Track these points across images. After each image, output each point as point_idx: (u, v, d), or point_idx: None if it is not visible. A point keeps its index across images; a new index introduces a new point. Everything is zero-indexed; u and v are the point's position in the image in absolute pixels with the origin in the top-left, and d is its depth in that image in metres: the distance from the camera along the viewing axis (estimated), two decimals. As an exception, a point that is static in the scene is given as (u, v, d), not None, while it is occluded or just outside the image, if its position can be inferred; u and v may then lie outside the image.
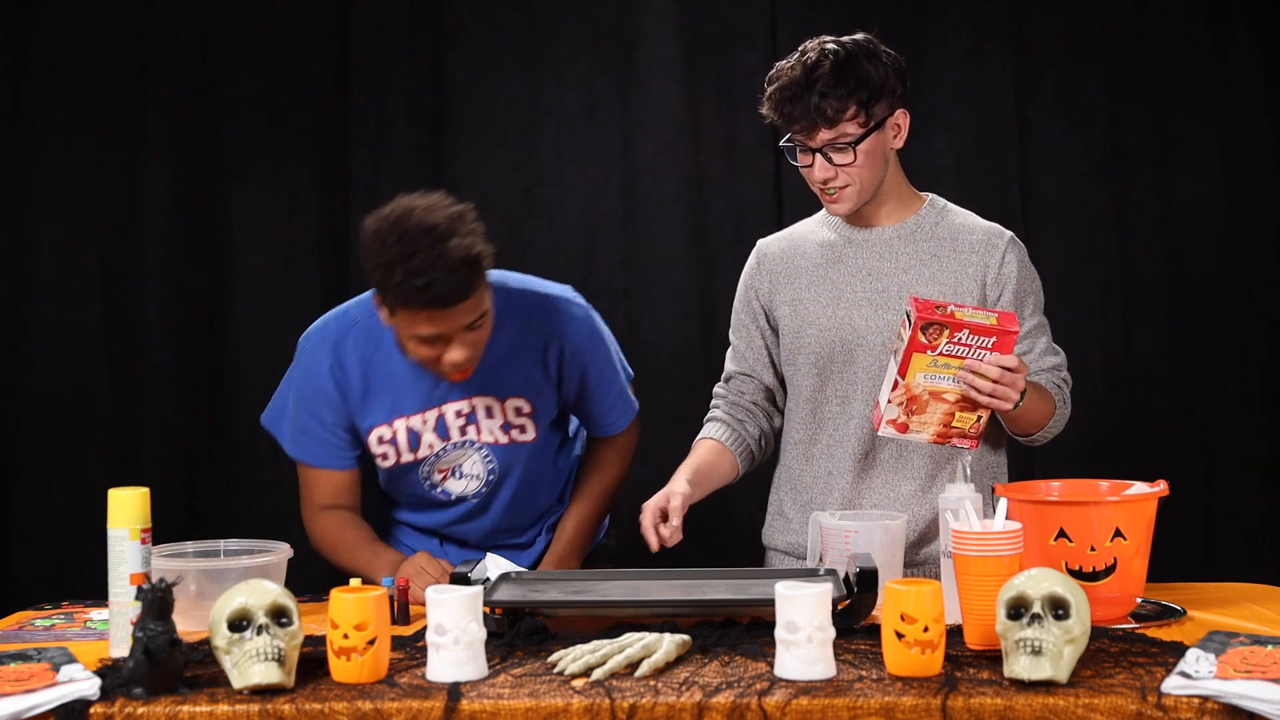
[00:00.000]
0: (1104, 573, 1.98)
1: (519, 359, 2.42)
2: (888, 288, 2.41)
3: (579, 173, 3.69)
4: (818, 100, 2.29)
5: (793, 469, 2.50)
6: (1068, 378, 2.44)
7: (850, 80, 2.30)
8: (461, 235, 2.17)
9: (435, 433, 2.41)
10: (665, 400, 3.67)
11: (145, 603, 1.72)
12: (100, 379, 3.54)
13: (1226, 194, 3.62)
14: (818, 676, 1.70)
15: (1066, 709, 1.62)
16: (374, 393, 2.39)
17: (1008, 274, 2.41)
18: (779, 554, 2.53)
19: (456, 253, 2.15)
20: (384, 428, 2.41)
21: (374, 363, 2.39)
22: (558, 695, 1.67)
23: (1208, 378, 3.63)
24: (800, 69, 2.32)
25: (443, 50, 3.68)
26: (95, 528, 2.02)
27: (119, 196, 3.60)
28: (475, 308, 2.21)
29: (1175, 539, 2.86)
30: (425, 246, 2.14)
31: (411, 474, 2.45)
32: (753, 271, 2.55)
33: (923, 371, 2.15)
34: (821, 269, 2.46)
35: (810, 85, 2.30)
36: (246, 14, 3.62)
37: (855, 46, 2.34)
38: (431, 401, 2.40)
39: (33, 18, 3.58)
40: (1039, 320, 2.43)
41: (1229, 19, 3.61)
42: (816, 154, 2.34)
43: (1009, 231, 2.46)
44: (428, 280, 2.13)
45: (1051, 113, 3.64)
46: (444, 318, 2.18)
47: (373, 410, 2.40)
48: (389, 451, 2.42)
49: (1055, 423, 2.39)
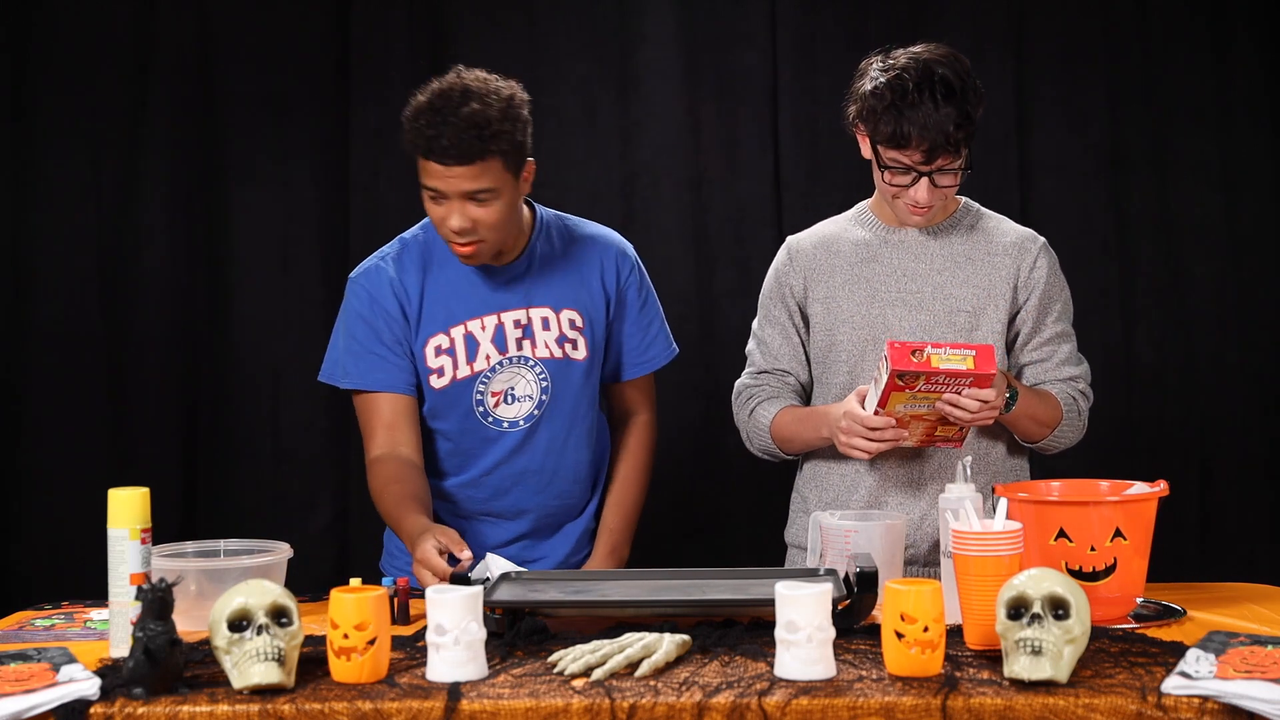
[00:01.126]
0: (1104, 573, 1.98)
1: (574, 273, 2.52)
2: (921, 289, 2.42)
3: (579, 173, 3.68)
4: (951, 129, 2.27)
5: (819, 467, 2.50)
6: (1086, 391, 2.44)
7: (973, 108, 2.31)
8: (487, 106, 2.29)
9: (493, 344, 2.46)
10: (665, 400, 3.64)
11: (145, 603, 1.72)
12: (100, 379, 3.54)
13: (1226, 194, 3.62)
14: (818, 676, 1.70)
15: (1066, 709, 1.62)
16: (431, 304, 2.46)
17: (1037, 279, 2.43)
18: (800, 550, 2.52)
19: (471, 116, 2.27)
20: (442, 336, 2.45)
21: (430, 275, 2.48)
22: (558, 695, 1.67)
23: (1207, 378, 3.62)
24: (925, 91, 2.26)
25: (443, 50, 3.67)
26: (95, 528, 2.02)
27: (119, 196, 3.60)
28: (478, 176, 2.30)
29: (1175, 539, 2.86)
30: (449, 102, 2.28)
31: (465, 397, 2.46)
32: (784, 268, 2.53)
33: (903, 404, 2.22)
34: (856, 267, 2.46)
35: (937, 110, 2.26)
36: (246, 14, 3.62)
37: (962, 68, 2.32)
38: (489, 308, 2.47)
39: (33, 18, 3.58)
40: (1062, 329, 2.45)
41: (1229, 19, 3.61)
42: (924, 177, 2.32)
43: (1042, 238, 2.49)
44: (436, 132, 2.26)
45: (1051, 113, 3.63)
46: (443, 175, 2.29)
47: (431, 320, 2.46)
48: (445, 365, 2.45)
49: (1063, 432, 2.40)
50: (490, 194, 2.32)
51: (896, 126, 2.28)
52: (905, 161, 2.32)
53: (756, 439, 2.53)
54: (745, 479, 3.53)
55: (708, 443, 3.51)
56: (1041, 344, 2.44)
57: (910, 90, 2.27)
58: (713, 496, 3.65)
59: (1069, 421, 2.40)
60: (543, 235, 2.53)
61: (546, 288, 2.50)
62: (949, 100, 2.27)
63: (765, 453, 2.54)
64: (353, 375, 2.48)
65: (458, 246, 2.38)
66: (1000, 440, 2.45)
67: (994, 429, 2.42)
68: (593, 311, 2.53)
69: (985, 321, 2.42)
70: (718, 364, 2.64)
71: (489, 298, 2.48)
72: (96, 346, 3.56)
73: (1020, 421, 2.38)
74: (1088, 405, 2.45)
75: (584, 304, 2.52)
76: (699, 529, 3.65)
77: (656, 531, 3.66)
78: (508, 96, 2.34)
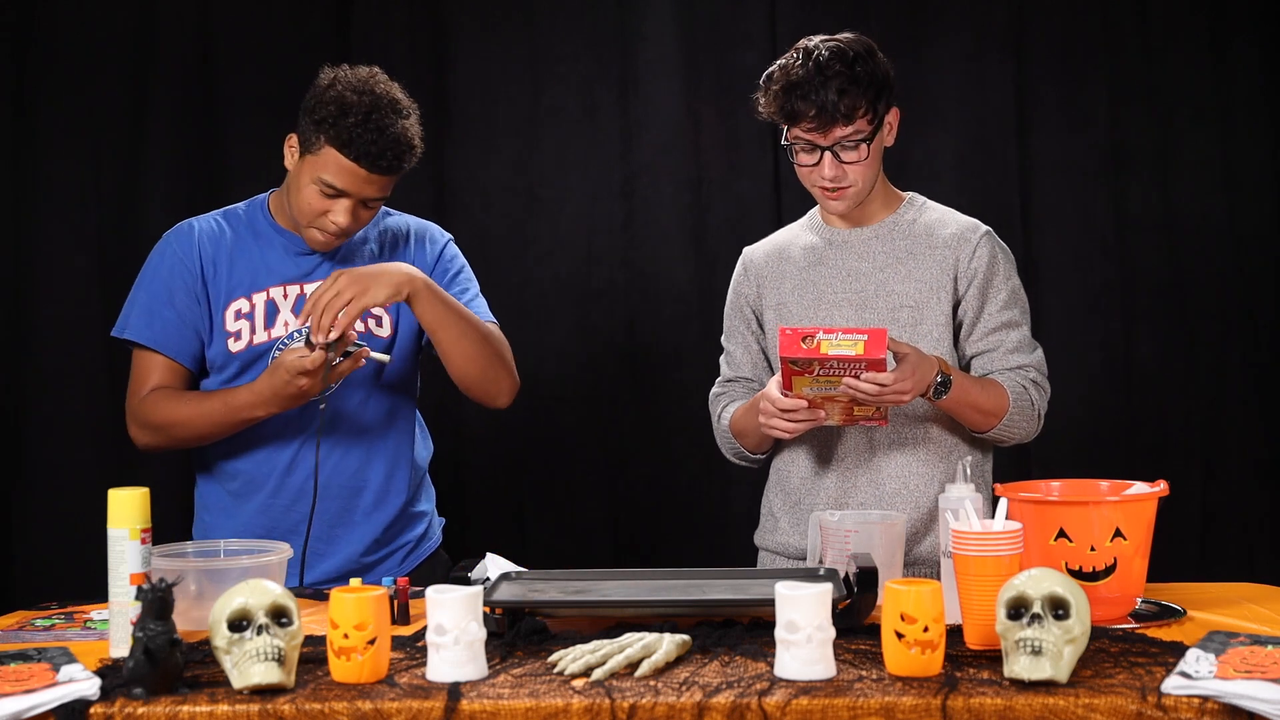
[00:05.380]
0: (1104, 573, 1.98)
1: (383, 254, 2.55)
2: (865, 287, 2.43)
3: (579, 173, 3.69)
4: (835, 97, 2.29)
5: (781, 470, 2.52)
6: (1039, 380, 2.42)
7: (863, 77, 2.31)
8: (409, 125, 2.40)
9: (294, 312, 2.47)
10: (665, 400, 3.67)
11: (145, 603, 1.72)
12: (100, 379, 3.54)
13: (1226, 194, 3.62)
14: (818, 676, 1.70)
15: (1066, 709, 1.62)
16: (238, 268, 2.49)
17: (976, 267, 2.42)
18: (769, 554, 2.55)
19: (407, 132, 2.39)
20: (243, 300, 2.47)
21: (242, 242, 2.51)
22: (558, 695, 1.67)
23: (1207, 377, 3.63)
24: (813, 66, 2.31)
25: (443, 50, 3.68)
26: (95, 528, 2.02)
27: (119, 196, 3.60)
28: (385, 186, 2.41)
29: (1174, 539, 2.86)
30: (387, 111, 2.37)
31: (262, 364, 2.45)
32: (740, 279, 2.58)
33: (808, 386, 2.25)
34: (804, 272, 2.48)
35: (825, 82, 2.29)
36: (246, 14, 3.62)
37: (860, 45, 2.35)
38: (293, 279, 2.49)
39: (34, 17, 3.58)
40: (1008, 318, 2.43)
41: (1229, 19, 3.61)
42: (825, 152, 2.34)
43: (985, 226, 2.47)
44: (378, 139, 2.34)
45: (1051, 113, 3.64)
46: (361, 180, 2.36)
47: (236, 284, 2.48)
48: (243, 329, 2.46)
49: (1014, 421, 2.38)
50: (380, 201, 2.44)
51: (784, 101, 2.33)
52: (805, 138, 2.34)
53: (725, 443, 2.57)
54: (744, 480, 3.51)
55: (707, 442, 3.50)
56: (986, 333, 2.42)
57: (795, 66, 2.33)
58: (712, 497, 3.65)
59: (1019, 410, 2.38)
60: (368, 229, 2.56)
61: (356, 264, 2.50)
62: (831, 68, 2.30)
63: (735, 456, 2.57)
64: (136, 328, 2.49)
65: (323, 237, 2.43)
66: (958, 435, 2.45)
67: (948, 423, 2.42)
68: None
69: (929, 315, 2.42)
70: (717, 364, 2.65)
71: (295, 269, 2.50)
72: (96, 346, 3.56)
73: (961, 410, 2.36)
74: (1042, 396, 2.43)
75: None
76: (699, 529, 3.65)
77: (657, 531, 3.68)
78: (418, 115, 2.45)
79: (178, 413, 2.44)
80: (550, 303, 3.67)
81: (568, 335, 3.68)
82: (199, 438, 2.47)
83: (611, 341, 3.68)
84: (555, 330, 3.67)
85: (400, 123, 2.37)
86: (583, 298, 3.69)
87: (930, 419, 2.42)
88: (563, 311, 3.68)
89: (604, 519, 3.68)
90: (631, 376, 3.69)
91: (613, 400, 3.68)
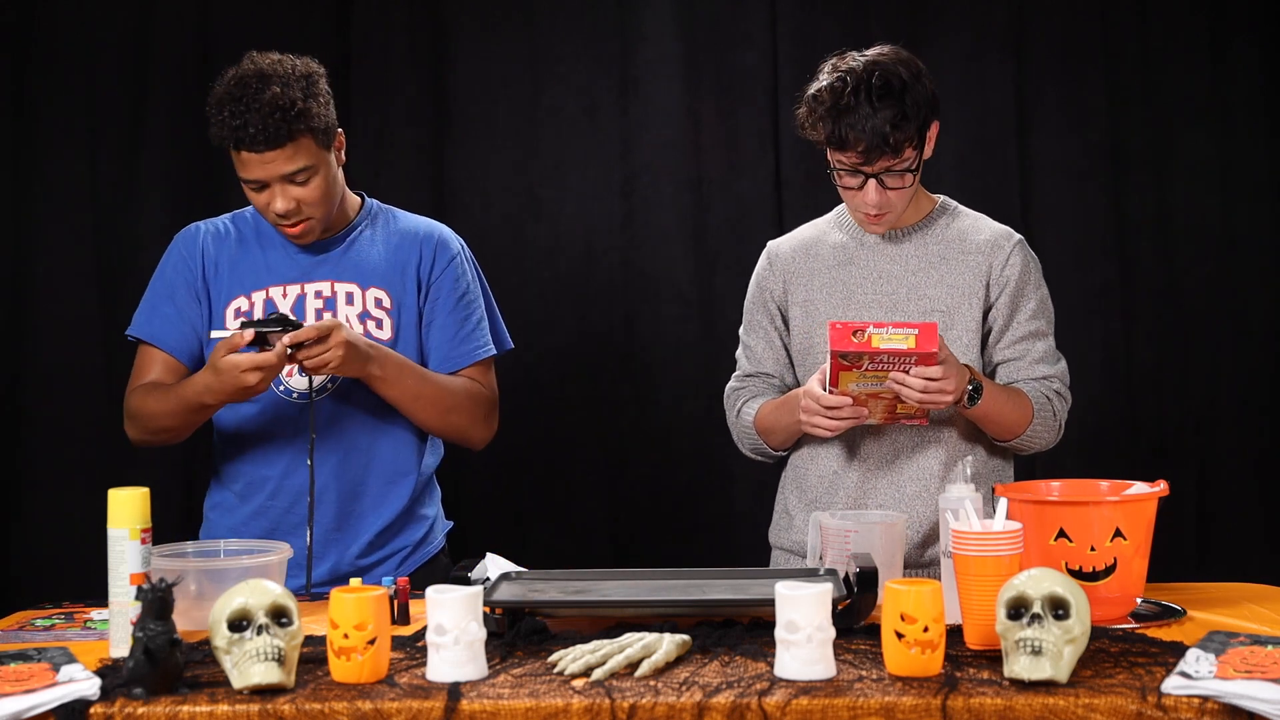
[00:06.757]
0: (1104, 573, 1.98)
1: (389, 258, 2.53)
2: (896, 290, 2.42)
3: (579, 173, 3.69)
4: (886, 129, 2.25)
5: (799, 467, 2.51)
6: (1062, 391, 2.42)
7: (912, 109, 2.28)
8: (288, 87, 2.33)
9: (293, 311, 2.47)
10: (665, 400, 3.67)
11: (145, 603, 1.72)
12: (100, 379, 3.54)
13: (1225, 194, 3.62)
14: (818, 676, 1.70)
15: (1066, 709, 1.62)
16: (239, 268, 2.50)
17: (1009, 275, 2.42)
18: (784, 553, 2.53)
19: (275, 100, 2.31)
20: (242, 299, 2.48)
21: (247, 243, 2.52)
22: (558, 695, 1.67)
23: (1206, 378, 3.63)
24: (862, 93, 2.26)
25: (443, 50, 3.68)
26: (95, 528, 2.02)
27: (118, 195, 3.60)
28: (292, 157, 2.35)
29: (1174, 539, 2.86)
30: (249, 90, 2.32)
31: None
32: (765, 273, 2.55)
33: (854, 383, 2.23)
34: (834, 270, 2.46)
35: (875, 113, 2.26)
36: (246, 14, 3.62)
37: (909, 69, 2.31)
38: (293, 278, 2.49)
39: (34, 17, 3.58)
40: (1036, 327, 2.43)
41: (1229, 19, 3.61)
42: (870, 179, 2.32)
43: (1018, 235, 2.47)
44: (242, 121, 2.31)
45: (1051, 113, 3.64)
46: (259, 163, 2.35)
47: (236, 283, 2.49)
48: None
49: (1036, 432, 2.39)
50: (308, 172, 2.38)
51: (834, 129, 2.29)
52: (848, 163, 2.32)
53: (745, 438, 2.54)
54: (745, 479, 3.53)
55: (708, 443, 3.51)
56: (1014, 341, 2.42)
57: (846, 92, 2.28)
58: (713, 496, 3.65)
59: (1042, 421, 2.38)
60: (366, 220, 2.56)
61: (356, 266, 2.51)
62: (885, 101, 2.26)
63: (755, 451, 2.54)
64: (137, 324, 2.53)
65: (286, 229, 2.43)
66: (979, 443, 2.45)
67: (972, 431, 2.42)
68: (403, 296, 2.51)
69: (959, 320, 2.41)
70: (718, 364, 2.65)
71: (296, 269, 2.50)
72: (96, 346, 3.56)
73: (988, 418, 2.36)
74: (1064, 406, 2.43)
75: (394, 287, 2.51)
76: (699, 529, 3.65)
77: (657, 531, 3.68)
78: (305, 74, 2.39)
79: (147, 404, 2.46)
80: (550, 303, 3.67)
81: (567, 335, 3.68)
82: (166, 429, 2.47)
83: (611, 341, 3.68)
84: (555, 330, 3.67)
85: (269, 90, 2.31)
86: (582, 298, 3.68)
87: (954, 424, 2.42)
88: (562, 311, 3.68)
89: (604, 519, 3.68)
90: (631, 376, 3.68)
91: (612, 400, 3.68)
